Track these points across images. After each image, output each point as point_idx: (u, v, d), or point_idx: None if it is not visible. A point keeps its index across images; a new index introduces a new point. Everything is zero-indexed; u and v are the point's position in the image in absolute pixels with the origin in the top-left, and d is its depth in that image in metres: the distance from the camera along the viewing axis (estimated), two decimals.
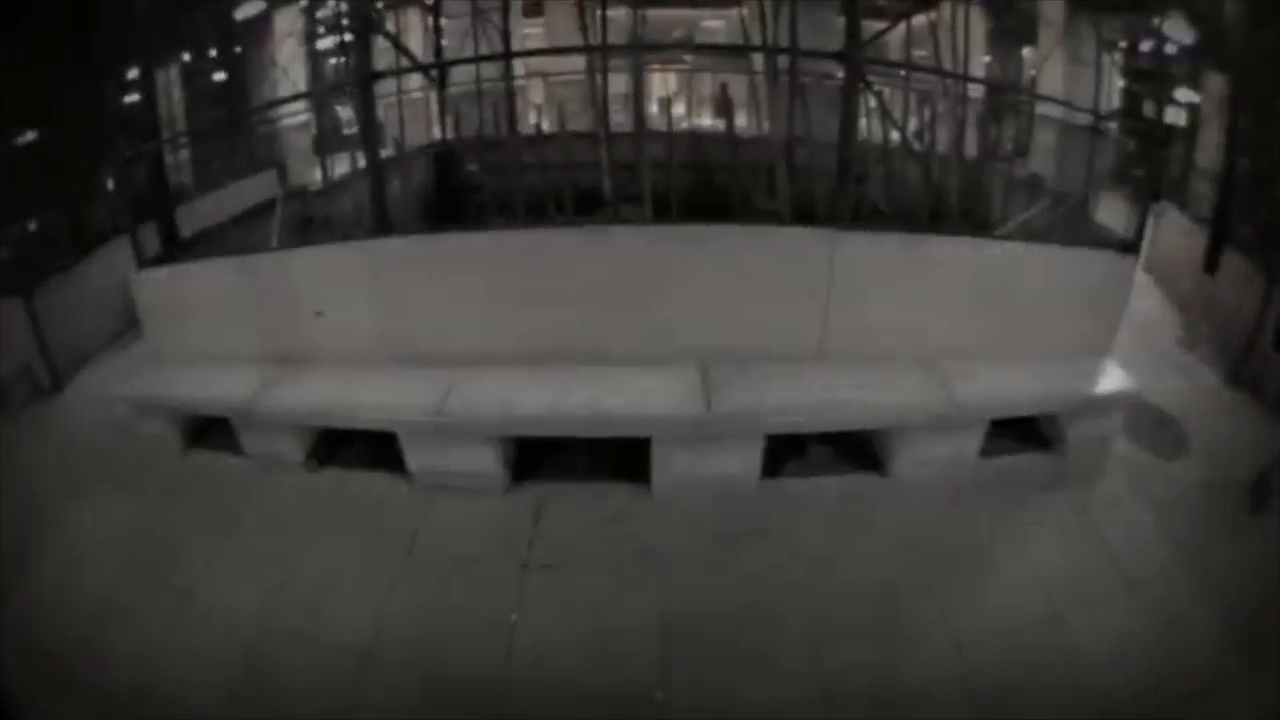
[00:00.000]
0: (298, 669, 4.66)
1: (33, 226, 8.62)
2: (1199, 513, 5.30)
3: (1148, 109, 11.25)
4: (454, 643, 4.72)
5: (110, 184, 9.18)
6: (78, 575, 5.48)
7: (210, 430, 6.66)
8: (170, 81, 10.27)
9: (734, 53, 11.64)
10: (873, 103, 7.63)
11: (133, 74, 9.30)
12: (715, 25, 12.47)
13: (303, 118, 12.04)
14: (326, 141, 12.34)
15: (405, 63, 8.90)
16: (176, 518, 5.96)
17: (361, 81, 6.13)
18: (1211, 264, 7.78)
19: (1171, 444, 6.02)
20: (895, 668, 4.44)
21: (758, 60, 10.83)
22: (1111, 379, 5.78)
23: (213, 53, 11.82)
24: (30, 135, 8.47)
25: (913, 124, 9.76)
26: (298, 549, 5.49)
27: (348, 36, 11.77)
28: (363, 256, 6.17)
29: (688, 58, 12.63)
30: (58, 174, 8.80)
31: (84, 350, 8.32)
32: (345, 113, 12.52)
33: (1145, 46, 11.31)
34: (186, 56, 11.05)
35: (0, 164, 8.01)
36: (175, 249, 7.30)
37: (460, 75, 11.57)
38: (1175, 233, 8.68)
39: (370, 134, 6.27)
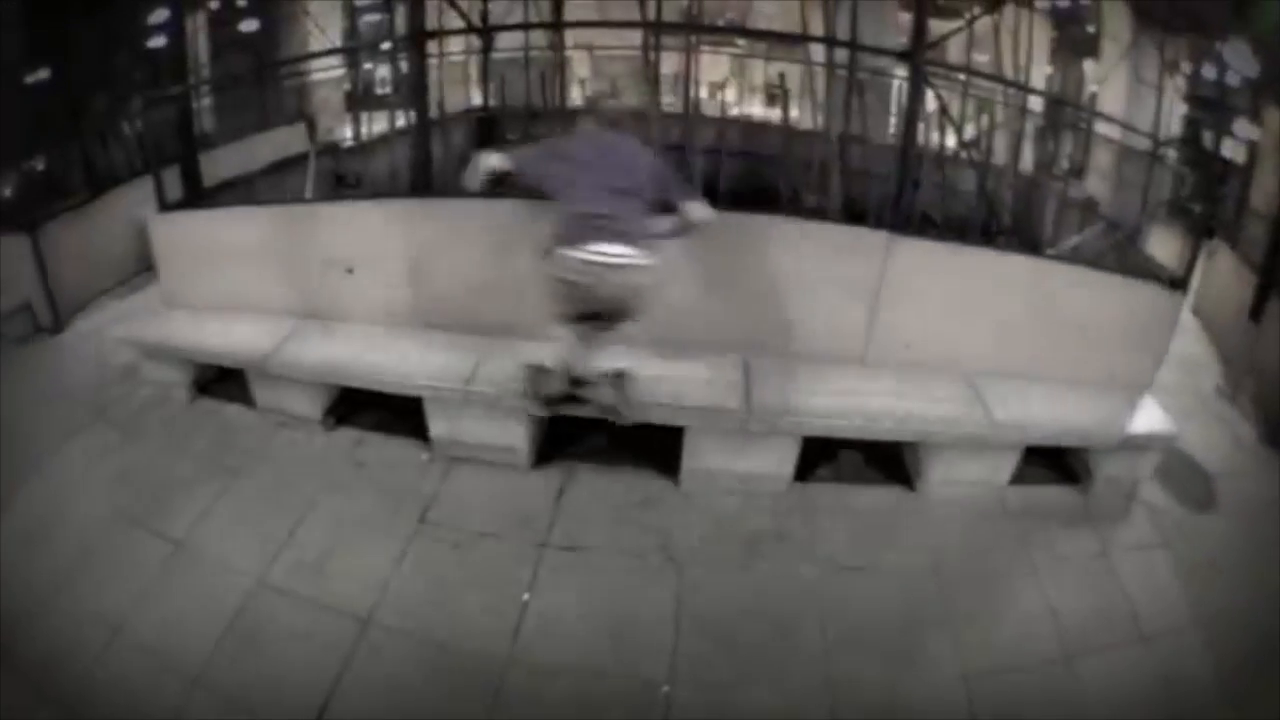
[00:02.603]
0: (291, 628, 4.84)
1: (44, 165, 8.83)
2: (1217, 573, 5.39)
3: (1207, 140, 11.32)
4: (460, 616, 4.89)
5: (128, 127, 9.43)
6: (63, 514, 5.70)
7: (219, 380, 6.86)
8: (197, 26, 10.44)
9: (788, 41, 11.74)
10: (932, 106, 7.75)
11: (160, 17, 9.51)
12: (769, 10, 12.51)
13: (336, 73, 12.18)
14: (360, 98, 12.48)
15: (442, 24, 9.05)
16: (177, 465, 6.15)
17: (414, 39, 6.29)
18: (1257, 312, 7.77)
19: (1200, 497, 6.10)
20: (902, 689, 4.61)
21: (812, 50, 10.94)
22: (1149, 420, 5.84)
23: (242, 2, 12.00)
24: (44, 73, 8.70)
25: (969, 131, 9.88)
26: (305, 506, 5.68)
27: None
28: (400, 215, 6.35)
29: (740, 41, 12.69)
30: (74, 113, 9.03)
31: (88, 292, 8.53)
32: (380, 70, 12.68)
33: (1207, 73, 11.38)
34: (215, 4, 11.24)
35: (14, 100, 8.22)
36: (198, 195, 7.50)
37: (502, 41, 11.77)
38: (1225, 274, 8.68)
39: (420, 93, 6.43)
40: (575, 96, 11.77)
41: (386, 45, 12.25)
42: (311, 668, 4.60)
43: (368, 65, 12.87)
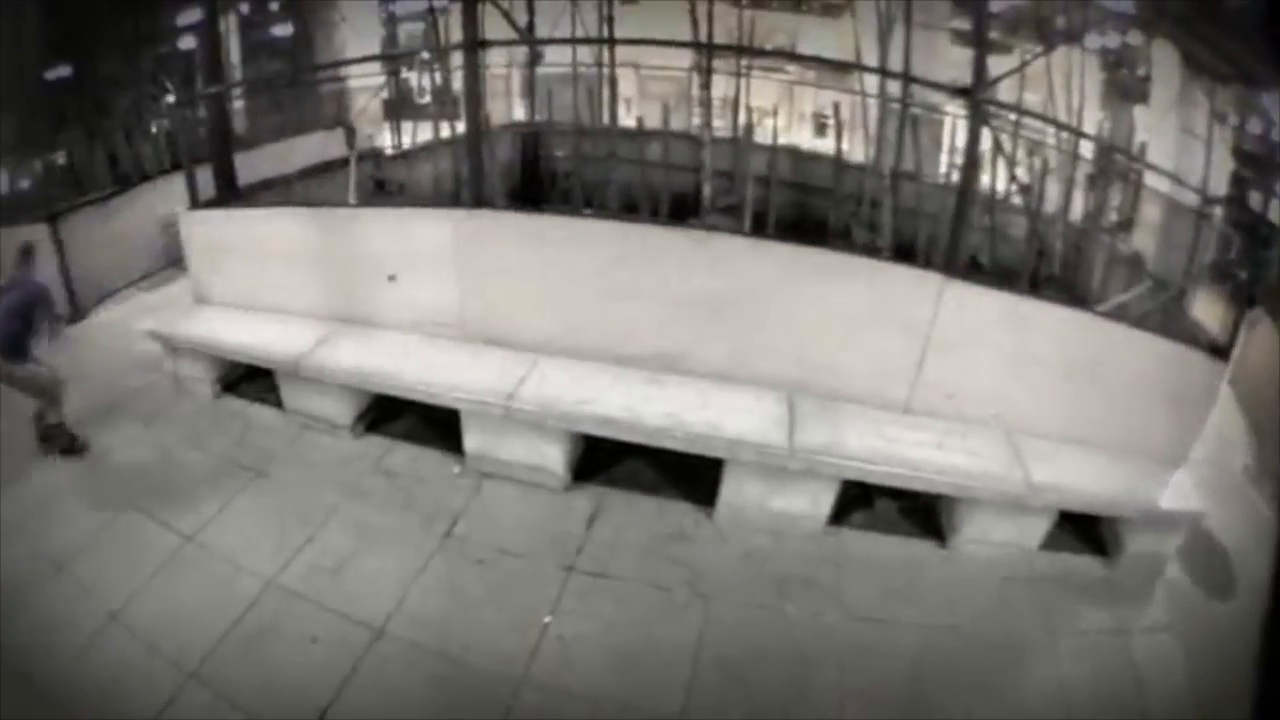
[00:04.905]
0: (299, 631, 5.00)
1: (66, 158, 9.13)
2: (1225, 663, 5.09)
3: (1254, 200, 11.28)
4: (477, 633, 5.03)
5: (157, 125, 9.73)
6: (70, 500, 5.93)
7: (245, 379, 7.12)
8: (229, 29, 10.69)
9: (840, 69, 11.85)
10: (986, 145, 7.78)
11: (191, 18, 9.79)
12: (821, 35, 12.65)
13: (374, 80, 12.36)
14: (399, 106, 12.71)
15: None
16: (195, 460, 6.38)
17: (470, 47, 6.46)
18: None
19: (1217, 580, 6.08)
20: None
21: (863, 78, 11.07)
22: (1184, 496, 5.88)
23: (274, 6, 12.27)
24: (65, 70, 9.00)
25: (1021, 174, 9.95)
26: (326, 511, 5.88)
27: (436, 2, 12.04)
28: (447, 225, 6.52)
29: (790, 68, 12.80)
30: (96, 110, 9.32)
31: (110, 284, 8.83)
32: (422, 79, 12.87)
33: (1253, 128, 11.38)
34: (246, 8, 11.54)
35: (34, 95, 8.49)
36: (232, 194, 7.72)
37: (545, 56, 12.01)
38: (1263, 346, 8.12)
39: (475, 102, 6.61)
40: (623, 115, 11.97)
41: (427, 54, 12.46)
42: (316, 672, 4.75)
43: (407, 74, 13.06)
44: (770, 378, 6.25)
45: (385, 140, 12.75)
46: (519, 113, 13.25)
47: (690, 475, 6.09)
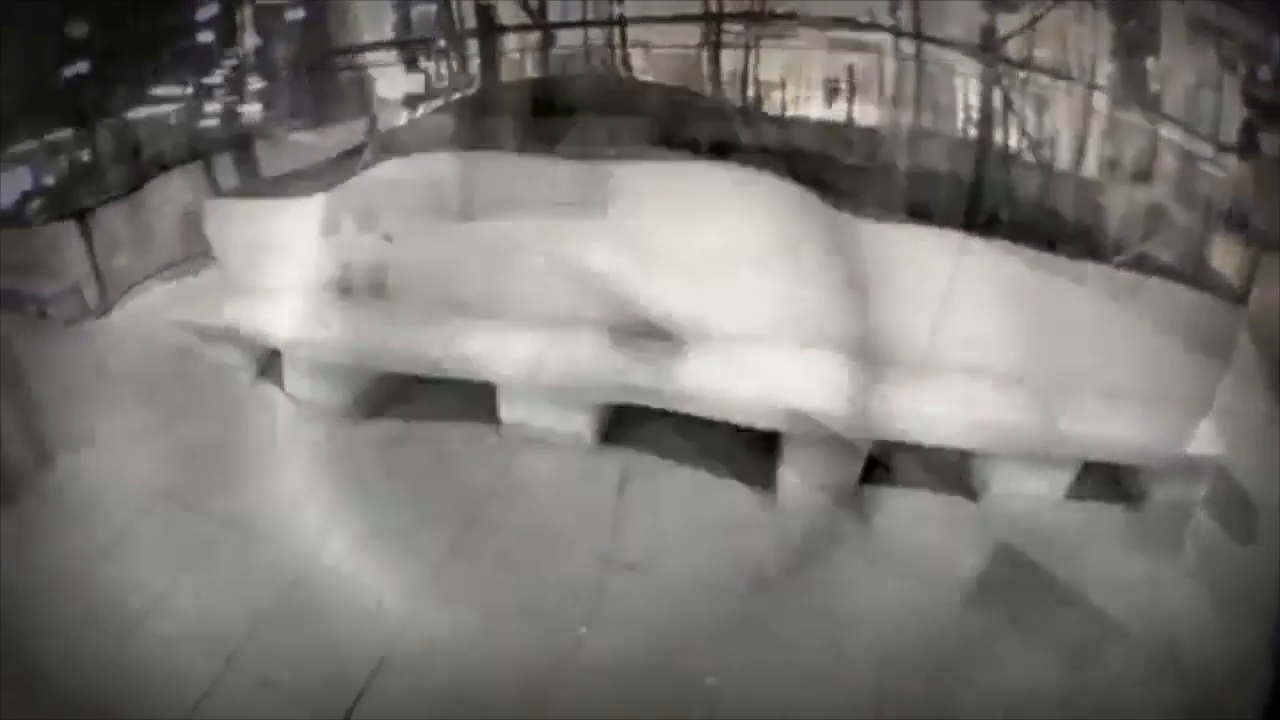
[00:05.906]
0: (335, 616, 5.08)
1: (89, 154, 9.17)
2: (1256, 608, 5.09)
3: (1267, 146, 11.16)
4: (509, 617, 5.06)
5: (176, 116, 9.76)
6: (108, 492, 5.92)
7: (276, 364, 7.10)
8: (246, 19, 10.68)
9: (852, 27, 11.78)
10: (999, 101, 7.75)
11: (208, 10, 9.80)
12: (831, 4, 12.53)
13: (394, 67, 12.37)
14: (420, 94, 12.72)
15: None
16: (232, 447, 6.41)
17: (484, 32, 6.42)
18: None
19: (1247, 527, 5.92)
20: (946, 707, 4.71)
21: (872, 39, 11.00)
22: (1208, 442, 5.89)
23: None
24: (86, 66, 9.02)
25: (1034, 130, 9.91)
26: (361, 494, 5.92)
27: None
28: None
29: (801, 35, 12.70)
30: (116, 104, 9.36)
31: (138, 275, 8.79)
32: (441, 66, 12.85)
33: (1264, 74, 11.23)
34: None
35: (53, 92, 8.53)
36: (256, 182, 7.77)
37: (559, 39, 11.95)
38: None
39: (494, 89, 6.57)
40: None
41: (443, 42, 12.45)
42: (353, 653, 4.80)
43: (425, 60, 13.05)
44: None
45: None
46: None
47: (728, 446, 6.08)
